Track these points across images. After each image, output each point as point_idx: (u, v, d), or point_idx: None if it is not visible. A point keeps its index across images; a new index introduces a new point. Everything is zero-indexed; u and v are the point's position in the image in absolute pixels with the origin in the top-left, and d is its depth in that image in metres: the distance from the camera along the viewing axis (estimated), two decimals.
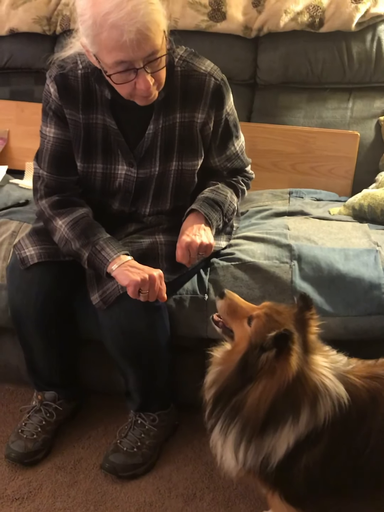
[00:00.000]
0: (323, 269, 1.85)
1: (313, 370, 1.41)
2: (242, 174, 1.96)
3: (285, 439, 1.40)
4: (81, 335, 1.94)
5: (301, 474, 1.44)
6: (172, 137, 1.77)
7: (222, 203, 1.82)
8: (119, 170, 1.80)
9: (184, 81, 1.73)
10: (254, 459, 1.44)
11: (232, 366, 1.42)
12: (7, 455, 1.90)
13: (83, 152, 1.78)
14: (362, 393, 1.43)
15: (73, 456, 1.94)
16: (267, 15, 2.38)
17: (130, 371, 1.83)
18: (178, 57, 1.74)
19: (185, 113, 1.75)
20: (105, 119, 1.75)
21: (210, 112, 1.76)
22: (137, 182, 1.80)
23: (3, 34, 2.60)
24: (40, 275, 1.80)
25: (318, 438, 1.41)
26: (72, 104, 1.74)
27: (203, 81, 1.74)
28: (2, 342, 2.07)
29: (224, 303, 1.52)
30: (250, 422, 1.40)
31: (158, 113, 1.74)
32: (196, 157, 1.81)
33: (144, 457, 1.88)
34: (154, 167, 1.79)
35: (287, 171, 2.46)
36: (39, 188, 1.83)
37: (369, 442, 1.43)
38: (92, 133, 1.76)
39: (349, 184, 2.43)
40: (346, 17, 2.34)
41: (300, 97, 2.48)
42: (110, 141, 1.77)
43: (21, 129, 2.63)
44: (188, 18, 2.42)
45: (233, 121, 1.85)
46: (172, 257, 1.75)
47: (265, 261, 1.88)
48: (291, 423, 1.39)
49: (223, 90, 1.77)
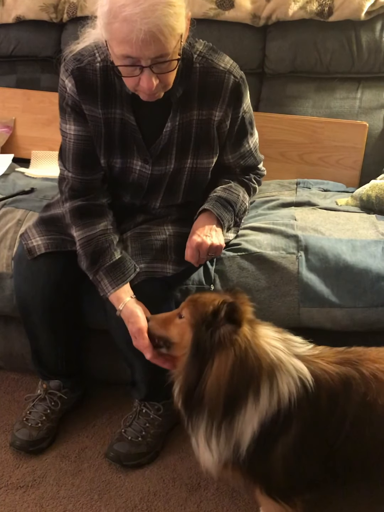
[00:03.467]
0: (330, 260, 1.84)
1: (263, 341, 1.39)
2: (254, 172, 1.94)
3: (250, 421, 1.38)
4: (87, 325, 1.94)
5: (279, 463, 1.42)
6: (188, 134, 1.74)
7: (234, 203, 1.80)
8: (134, 165, 1.77)
9: (202, 78, 1.69)
10: (227, 447, 1.41)
11: (185, 359, 1.41)
12: (12, 443, 1.91)
13: (105, 148, 1.74)
14: (333, 377, 1.39)
15: (78, 444, 1.95)
16: (275, 3, 2.36)
17: (137, 362, 1.83)
18: (198, 53, 1.69)
19: (203, 110, 1.72)
20: (123, 114, 1.71)
21: (227, 110, 1.74)
22: (150, 179, 1.78)
23: (10, 21, 2.60)
24: (48, 265, 1.80)
25: (288, 422, 1.38)
26: (91, 99, 1.69)
27: (222, 79, 1.70)
28: (7, 330, 2.07)
29: (152, 323, 1.55)
30: (214, 406, 1.38)
31: (175, 110, 1.71)
32: (211, 154, 1.79)
33: (149, 446, 1.88)
34: (169, 164, 1.76)
35: (294, 161, 2.45)
36: (64, 191, 1.78)
37: (342, 429, 1.40)
38: (111, 127, 1.72)
39: (357, 174, 2.42)
40: (355, 6, 2.31)
41: (309, 87, 2.46)
42: (127, 136, 1.74)
43: (28, 117, 2.62)
44: (196, 6, 2.40)
45: (249, 119, 1.83)
46: (180, 249, 1.75)
47: (272, 252, 1.87)
48: (252, 401, 1.37)
49: (242, 88, 1.74)
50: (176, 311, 1.50)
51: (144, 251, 1.72)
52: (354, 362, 1.43)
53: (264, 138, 2.40)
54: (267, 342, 1.40)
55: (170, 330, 1.50)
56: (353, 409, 1.39)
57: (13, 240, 1.98)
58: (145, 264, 1.71)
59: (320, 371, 1.40)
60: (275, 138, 2.43)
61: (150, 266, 1.72)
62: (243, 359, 1.35)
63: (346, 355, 1.46)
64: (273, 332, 1.44)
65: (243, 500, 1.76)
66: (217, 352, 1.35)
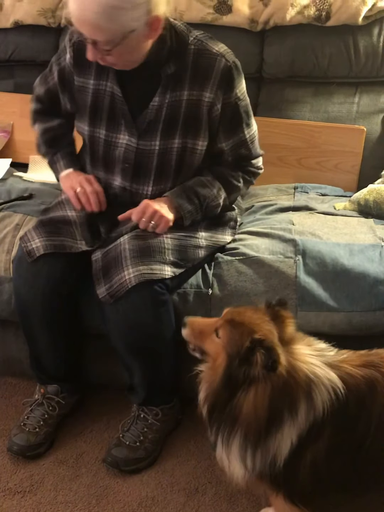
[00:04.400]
0: (327, 264, 1.84)
1: (300, 360, 1.39)
2: (246, 167, 1.94)
3: (288, 437, 1.39)
4: (85, 329, 1.93)
5: (307, 470, 1.43)
6: (177, 113, 1.77)
7: (203, 197, 1.82)
8: (121, 139, 1.81)
9: (195, 59, 1.75)
10: (263, 462, 1.42)
11: (216, 381, 1.40)
12: (9, 448, 1.90)
13: (89, 117, 1.83)
14: (358, 381, 1.41)
15: (75, 450, 1.94)
16: (273, 8, 2.37)
17: (135, 365, 1.83)
18: (194, 36, 1.77)
19: (193, 90, 1.76)
20: (113, 87, 1.78)
21: (218, 93, 1.76)
22: (137, 153, 1.81)
23: (8, 26, 2.60)
24: (48, 267, 1.80)
25: (320, 430, 1.40)
26: (85, 71, 1.81)
27: (214, 61, 1.75)
28: (5, 335, 2.07)
29: (188, 331, 1.52)
30: (251, 430, 1.39)
31: (165, 87, 1.75)
32: (199, 136, 1.81)
33: (147, 451, 1.87)
34: (154, 140, 1.79)
35: (292, 165, 2.45)
36: (32, 98, 2.04)
37: (369, 431, 1.41)
38: (100, 99, 1.81)
39: (354, 179, 2.42)
40: (353, 10, 2.32)
41: (306, 91, 2.47)
42: (116, 110, 1.80)
43: (25, 122, 2.58)
44: (194, 11, 2.41)
45: (244, 107, 1.85)
46: (178, 251, 1.77)
47: (270, 256, 1.87)
48: (290, 419, 1.38)
49: (233, 73, 1.77)
50: (213, 324, 1.46)
51: (142, 253, 1.72)
52: (376, 364, 1.45)
53: (262, 143, 2.38)
54: (304, 361, 1.39)
55: (205, 344, 1.47)
56: (378, 411, 1.41)
57: (11, 244, 1.98)
58: (144, 266, 1.71)
59: (347, 376, 1.41)
60: (273, 143, 2.43)
61: (148, 268, 1.71)
62: (281, 388, 1.35)
63: (369, 357, 1.48)
64: (307, 348, 1.44)
65: (241, 504, 1.76)
66: (252, 385, 1.35)
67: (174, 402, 1.95)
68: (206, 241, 1.88)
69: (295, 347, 1.42)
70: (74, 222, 1.87)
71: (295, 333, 1.45)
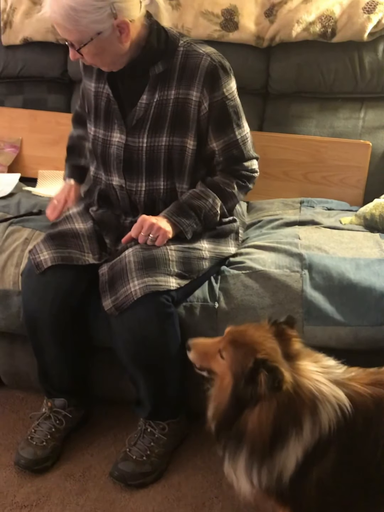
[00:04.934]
0: (334, 279, 1.84)
1: (305, 377, 1.39)
2: (239, 173, 1.93)
3: (293, 453, 1.39)
4: (92, 342, 1.94)
5: (314, 487, 1.42)
6: (165, 111, 1.83)
7: (199, 208, 1.85)
8: (114, 137, 1.89)
9: (183, 59, 1.81)
10: (269, 478, 1.42)
11: (224, 400, 1.41)
12: (17, 462, 1.91)
13: (93, 118, 1.94)
14: (366, 400, 1.41)
15: (82, 463, 1.94)
16: (279, 25, 2.39)
17: (141, 378, 1.83)
18: (185, 40, 1.84)
19: (181, 89, 1.81)
20: (107, 88, 1.88)
21: (204, 91, 1.80)
22: (125, 150, 1.87)
23: (17, 43, 2.63)
24: (56, 280, 1.82)
25: (326, 448, 1.39)
26: (90, 75, 1.93)
27: (200, 60, 1.80)
28: (13, 348, 2.08)
29: (193, 353, 1.52)
30: (257, 446, 1.39)
31: (153, 85, 1.82)
32: (187, 135, 1.84)
33: (153, 465, 1.87)
34: (142, 137, 1.85)
35: (298, 180, 2.46)
36: None
37: (377, 451, 1.41)
38: (99, 101, 1.91)
39: (360, 193, 2.43)
40: (358, 27, 2.34)
41: (312, 107, 2.48)
42: (110, 109, 1.89)
43: (34, 137, 2.65)
44: (201, 28, 2.44)
45: (233, 108, 1.87)
46: (183, 263, 1.79)
47: (276, 270, 1.88)
48: (295, 436, 1.38)
49: (219, 72, 1.81)
50: (216, 344, 1.47)
51: (147, 265, 1.74)
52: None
53: (268, 157, 2.42)
54: (309, 378, 1.40)
55: (211, 364, 1.48)
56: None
57: (20, 258, 1.99)
58: (149, 277, 1.72)
59: (355, 394, 1.41)
60: (279, 157, 2.45)
61: (153, 279, 1.72)
62: (286, 405, 1.36)
63: (379, 376, 1.47)
64: (313, 364, 1.44)
65: None
66: (258, 402, 1.36)
67: (180, 417, 1.95)
68: (209, 252, 1.90)
69: (301, 363, 1.42)
70: (82, 235, 1.90)
71: (301, 349, 1.45)
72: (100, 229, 1.95)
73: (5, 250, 2.03)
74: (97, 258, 1.87)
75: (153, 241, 1.79)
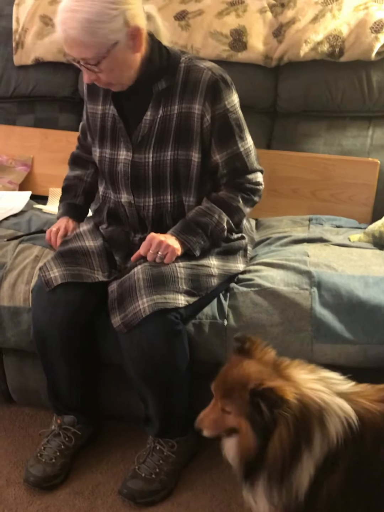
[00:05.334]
0: (343, 296, 1.85)
1: (305, 387, 1.39)
2: (243, 186, 1.94)
3: (307, 469, 1.39)
4: (102, 359, 1.95)
5: (324, 502, 1.42)
6: (169, 126, 1.85)
7: (205, 224, 1.86)
8: (120, 155, 1.92)
9: (185, 75, 1.84)
10: (288, 497, 1.42)
11: (250, 443, 1.40)
12: (26, 479, 1.91)
13: (99, 139, 1.96)
14: (376, 417, 1.40)
15: (91, 481, 1.94)
16: (287, 45, 2.42)
17: (150, 395, 1.83)
18: (186, 56, 1.88)
19: (183, 104, 1.84)
20: (112, 109, 1.90)
21: (206, 104, 1.83)
22: (132, 166, 1.89)
23: (29, 63, 2.67)
24: (66, 297, 1.83)
25: (335, 462, 1.39)
26: (95, 98, 1.95)
27: (201, 74, 1.83)
28: (22, 365, 2.09)
29: (207, 430, 1.50)
30: (276, 468, 1.39)
31: (157, 102, 1.85)
32: (192, 148, 1.87)
33: (163, 483, 1.87)
34: (148, 153, 1.87)
35: (307, 198, 2.47)
36: None
37: None
38: (106, 122, 1.93)
39: (369, 211, 2.43)
40: (366, 46, 2.36)
41: (320, 125, 2.50)
42: (115, 129, 1.91)
43: (45, 155, 2.68)
44: (210, 48, 2.47)
45: (235, 120, 1.88)
46: (191, 280, 1.80)
47: (285, 288, 1.88)
48: (307, 450, 1.37)
49: (220, 85, 1.83)
50: (215, 406, 1.47)
51: (156, 282, 1.75)
52: None
53: (277, 175, 2.44)
54: (309, 388, 1.40)
55: (226, 424, 1.46)
56: None
57: (30, 275, 2.01)
58: (158, 295, 1.73)
59: (363, 410, 1.41)
60: (288, 175, 2.46)
61: (162, 297, 1.73)
62: (298, 419, 1.36)
63: None
64: (308, 374, 1.45)
65: None
66: (276, 425, 1.36)
67: (189, 434, 1.94)
68: (218, 269, 1.90)
69: (294, 375, 1.42)
70: (92, 252, 1.91)
71: (277, 357, 1.46)
72: (110, 246, 1.97)
73: (16, 267, 2.04)
74: (107, 275, 1.89)
75: (162, 258, 1.80)
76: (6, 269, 2.03)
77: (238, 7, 2.47)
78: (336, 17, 2.38)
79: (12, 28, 2.67)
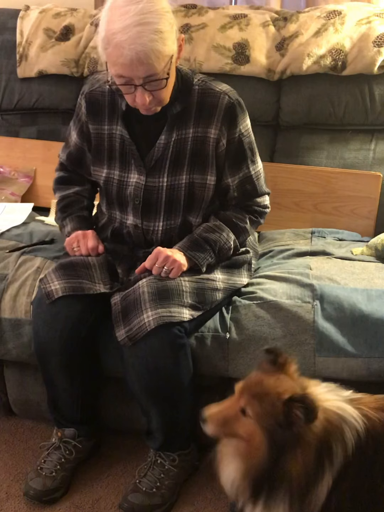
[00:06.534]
0: (345, 309, 1.84)
1: (324, 400, 1.38)
2: (251, 208, 1.96)
3: (326, 481, 1.38)
4: (102, 372, 1.94)
5: (334, 510, 1.40)
6: (183, 150, 1.84)
7: (213, 242, 1.87)
8: (131, 178, 1.89)
9: (200, 98, 1.83)
10: (307, 511, 1.41)
11: (258, 457, 1.37)
12: (26, 493, 1.89)
13: (107, 160, 1.92)
14: (376, 424, 1.40)
15: (92, 495, 1.93)
16: (290, 58, 2.43)
17: (152, 409, 1.82)
18: (198, 78, 1.86)
19: (199, 127, 1.83)
20: (122, 130, 1.88)
21: (222, 129, 1.83)
22: (145, 190, 1.87)
23: (33, 75, 2.69)
24: (66, 309, 1.82)
25: (346, 471, 1.38)
26: (98, 118, 1.91)
27: (218, 98, 1.83)
28: (23, 378, 2.08)
29: (211, 425, 1.43)
30: (300, 485, 1.37)
31: (171, 125, 1.83)
32: (206, 171, 1.87)
33: (163, 497, 1.85)
34: (162, 177, 1.86)
35: (309, 210, 2.48)
36: (56, 167, 2.13)
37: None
38: (113, 142, 1.90)
39: (371, 224, 2.43)
40: (368, 60, 2.37)
41: (323, 138, 2.51)
42: (126, 151, 1.89)
43: (48, 167, 2.67)
44: (213, 61, 2.48)
45: (248, 144, 1.90)
46: (196, 294, 1.79)
47: (287, 301, 1.88)
48: (329, 464, 1.37)
49: (237, 109, 1.84)
50: (234, 404, 1.41)
51: (161, 296, 1.74)
52: None
53: (279, 188, 2.44)
54: (326, 400, 1.39)
55: (234, 427, 1.40)
56: None
57: (32, 287, 2.00)
58: (163, 309, 1.73)
59: (365, 417, 1.41)
60: (290, 188, 2.47)
61: (167, 310, 1.73)
62: (322, 434, 1.35)
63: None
64: (319, 386, 1.44)
65: None
66: (298, 443, 1.34)
67: (191, 448, 1.93)
68: (223, 283, 1.90)
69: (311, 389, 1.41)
70: (93, 265, 1.90)
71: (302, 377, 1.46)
72: (113, 258, 1.96)
73: (18, 279, 2.04)
74: (108, 287, 1.88)
75: (167, 273, 1.80)
76: (7, 281, 2.03)
77: (241, 21, 2.49)
78: (338, 31, 2.40)
79: (16, 41, 2.69)
